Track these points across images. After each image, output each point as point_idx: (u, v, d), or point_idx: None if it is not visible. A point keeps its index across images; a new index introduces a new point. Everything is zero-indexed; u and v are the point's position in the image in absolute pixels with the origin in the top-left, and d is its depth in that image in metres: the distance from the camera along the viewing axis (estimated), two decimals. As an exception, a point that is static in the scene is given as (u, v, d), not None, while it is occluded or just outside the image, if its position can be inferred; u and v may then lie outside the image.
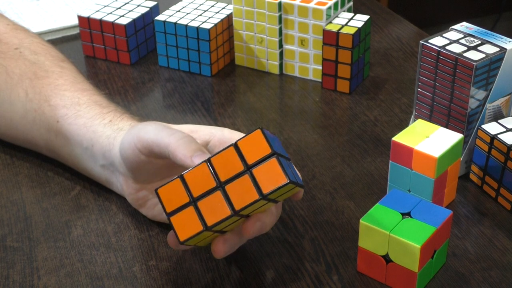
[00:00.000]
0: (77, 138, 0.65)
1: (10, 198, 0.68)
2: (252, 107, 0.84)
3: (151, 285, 0.58)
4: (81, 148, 0.65)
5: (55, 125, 0.67)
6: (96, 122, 0.64)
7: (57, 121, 0.67)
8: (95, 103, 0.67)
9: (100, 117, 0.65)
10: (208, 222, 0.51)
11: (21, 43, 0.74)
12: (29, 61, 0.71)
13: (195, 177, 0.52)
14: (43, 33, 0.99)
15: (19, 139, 0.72)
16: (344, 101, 0.84)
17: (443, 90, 0.68)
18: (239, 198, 0.51)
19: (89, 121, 0.65)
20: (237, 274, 0.59)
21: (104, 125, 0.64)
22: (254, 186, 0.51)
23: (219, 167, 0.52)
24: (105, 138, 0.63)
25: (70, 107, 0.67)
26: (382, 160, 0.73)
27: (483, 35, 0.69)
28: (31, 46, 0.73)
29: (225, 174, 0.52)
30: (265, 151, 0.51)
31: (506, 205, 0.66)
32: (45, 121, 0.68)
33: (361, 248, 0.58)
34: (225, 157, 0.52)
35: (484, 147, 0.67)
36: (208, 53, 0.88)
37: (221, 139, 0.60)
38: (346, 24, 0.84)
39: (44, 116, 0.68)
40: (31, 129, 0.69)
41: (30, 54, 0.72)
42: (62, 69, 0.71)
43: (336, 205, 0.67)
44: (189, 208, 0.52)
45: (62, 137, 0.67)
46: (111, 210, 0.66)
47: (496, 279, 0.58)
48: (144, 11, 0.93)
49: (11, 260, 0.61)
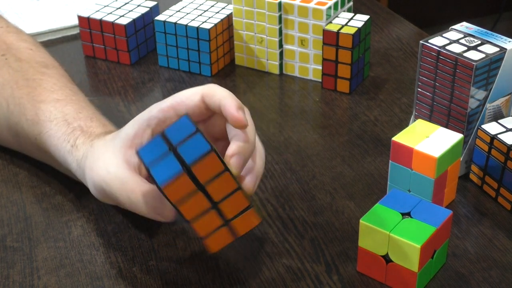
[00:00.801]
0: (55, 157, 0.65)
1: (10, 198, 0.68)
2: (252, 107, 0.84)
3: (151, 285, 0.58)
4: (62, 165, 0.66)
5: (34, 142, 0.67)
6: (63, 146, 0.64)
7: (35, 138, 0.67)
8: (63, 119, 0.65)
9: (65, 140, 0.64)
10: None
11: (9, 49, 0.73)
12: (12, 69, 0.71)
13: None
14: (43, 33, 0.99)
15: (12, 147, 0.73)
16: (344, 101, 0.84)
17: (443, 90, 0.68)
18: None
19: (58, 143, 0.64)
20: (237, 274, 0.59)
21: (68, 152, 0.63)
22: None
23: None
24: (73, 168, 0.63)
25: (43, 124, 0.66)
26: (382, 160, 0.73)
27: (483, 35, 0.69)
28: (17, 53, 0.73)
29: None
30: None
31: (506, 205, 0.66)
32: (26, 136, 0.68)
33: (361, 248, 0.58)
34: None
35: (484, 147, 0.67)
36: (208, 53, 0.88)
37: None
38: (346, 24, 0.84)
39: (24, 132, 0.68)
40: (18, 141, 0.70)
41: (14, 61, 0.72)
42: (43, 76, 0.70)
43: (336, 205, 0.67)
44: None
45: (43, 153, 0.67)
46: (111, 210, 0.66)
47: (496, 279, 0.58)
48: (144, 11, 0.93)
49: (11, 260, 0.61)
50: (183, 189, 0.52)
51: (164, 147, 0.52)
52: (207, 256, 0.60)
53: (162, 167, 0.52)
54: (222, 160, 0.52)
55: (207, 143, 0.51)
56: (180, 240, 0.62)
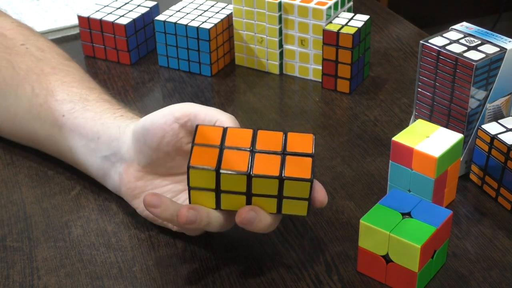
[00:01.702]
0: (83, 131, 0.65)
1: (10, 198, 0.68)
2: (252, 107, 0.84)
3: (151, 285, 0.58)
4: (84, 140, 0.65)
5: (60, 119, 0.67)
6: (106, 116, 0.65)
7: (63, 115, 0.67)
8: (104, 100, 0.68)
9: (110, 112, 0.66)
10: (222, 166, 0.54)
11: (27, 40, 0.74)
12: (35, 57, 0.72)
13: (236, 135, 0.56)
14: (43, 33, 0.99)
15: (22, 135, 0.72)
16: (344, 101, 0.84)
17: (443, 90, 0.68)
18: (260, 167, 0.54)
19: (98, 115, 0.65)
20: (237, 274, 0.59)
21: (114, 118, 0.65)
22: (280, 166, 0.54)
23: (261, 139, 0.56)
24: (115, 128, 0.64)
25: (78, 102, 0.67)
26: (382, 160, 0.73)
27: (483, 35, 0.69)
28: (37, 43, 0.74)
29: (263, 146, 0.56)
30: (308, 150, 0.56)
31: (506, 205, 0.66)
32: (50, 116, 0.68)
33: (361, 248, 0.58)
34: (271, 136, 0.57)
35: (484, 147, 0.67)
36: (208, 53, 0.88)
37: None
38: (346, 24, 0.84)
39: (49, 111, 0.68)
40: (35, 124, 0.69)
41: (36, 50, 0.73)
42: (68, 67, 0.72)
43: (336, 205, 0.67)
44: (214, 149, 0.55)
45: (66, 131, 0.67)
46: (111, 210, 0.66)
47: (496, 279, 0.58)
48: (144, 11, 0.93)
49: (11, 260, 0.61)
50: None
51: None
52: (207, 256, 0.60)
53: None
54: None
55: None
56: (180, 240, 0.62)
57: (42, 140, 0.70)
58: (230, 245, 0.62)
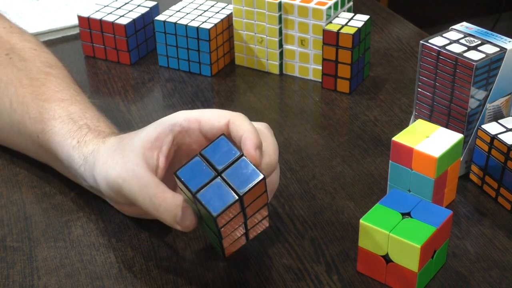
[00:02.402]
0: (57, 155, 0.65)
1: (10, 198, 0.68)
2: (252, 107, 0.84)
3: (151, 285, 0.58)
4: (62, 164, 0.66)
5: (37, 139, 0.67)
6: (67, 143, 0.64)
7: (37, 136, 0.66)
8: (68, 117, 0.66)
9: (70, 137, 0.64)
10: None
11: (13, 49, 0.73)
12: (16, 68, 0.71)
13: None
14: (43, 33, 0.99)
15: (12, 146, 0.73)
16: (344, 101, 0.84)
17: (443, 90, 0.68)
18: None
19: (62, 139, 0.64)
20: (237, 274, 0.59)
21: (73, 148, 0.63)
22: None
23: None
24: (76, 164, 0.62)
25: (47, 122, 0.66)
26: (382, 160, 0.73)
27: (483, 35, 0.69)
28: (21, 52, 0.73)
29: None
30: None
31: (506, 205, 0.66)
32: (28, 134, 0.68)
33: (361, 248, 0.58)
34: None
35: (484, 147, 0.67)
36: (208, 53, 0.88)
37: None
38: (346, 24, 0.84)
39: (26, 129, 0.68)
40: (19, 140, 0.70)
41: (18, 60, 0.72)
42: (47, 75, 0.71)
43: (336, 205, 0.67)
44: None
45: (44, 151, 0.67)
46: (111, 210, 0.66)
47: (496, 279, 0.58)
48: (144, 11, 0.93)
49: (11, 260, 0.61)
50: (231, 214, 0.52)
51: (208, 172, 0.52)
52: (207, 256, 0.60)
53: (212, 195, 0.51)
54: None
55: (258, 171, 0.52)
56: (180, 240, 0.62)
57: (30, 153, 0.71)
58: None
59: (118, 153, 0.58)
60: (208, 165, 0.52)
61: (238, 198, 0.51)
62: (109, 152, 0.59)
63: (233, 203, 0.51)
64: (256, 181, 0.51)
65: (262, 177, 0.51)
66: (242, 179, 0.51)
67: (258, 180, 0.51)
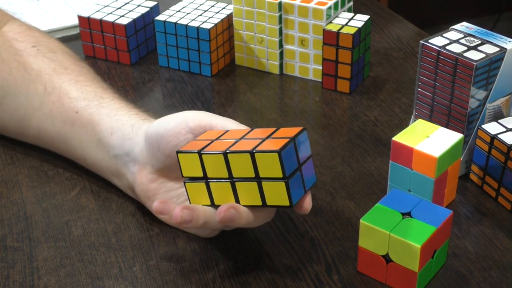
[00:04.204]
0: (96, 126, 0.66)
1: (10, 198, 0.68)
2: (252, 107, 0.84)
3: (151, 285, 0.58)
4: (96, 137, 0.65)
5: (73, 116, 0.67)
6: (122, 112, 0.66)
7: (76, 112, 0.67)
8: (119, 99, 0.68)
9: (125, 109, 0.66)
10: (204, 150, 0.55)
11: (38, 42, 0.74)
12: (47, 58, 0.72)
13: (235, 132, 0.57)
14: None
15: (30, 134, 0.72)
16: (344, 101, 0.84)
17: (443, 90, 0.68)
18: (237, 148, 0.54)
19: (113, 111, 0.66)
20: (237, 274, 0.59)
21: (129, 116, 0.65)
22: (255, 146, 0.54)
23: (255, 133, 0.57)
24: (129, 126, 0.64)
25: (93, 99, 0.68)
26: (382, 160, 0.73)
27: (483, 35, 0.69)
28: (48, 45, 0.74)
29: (251, 135, 0.56)
30: (290, 135, 0.54)
31: (506, 205, 0.66)
32: (62, 113, 0.68)
33: (361, 248, 0.58)
34: (265, 130, 0.57)
35: (484, 147, 0.67)
36: (208, 53, 0.88)
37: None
38: (346, 24, 0.84)
39: (62, 108, 0.68)
40: (45, 122, 0.69)
41: (47, 52, 0.73)
42: (80, 67, 0.73)
43: (336, 205, 0.67)
44: (206, 141, 0.57)
45: (78, 127, 0.67)
46: (111, 210, 0.66)
47: (496, 279, 0.58)
48: (144, 11, 0.93)
49: (11, 260, 0.61)
50: None
51: (295, 163, 0.55)
52: (207, 256, 0.61)
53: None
54: None
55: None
56: (180, 240, 0.62)
57: (51, 137, 0.70)
58: (230, 245, 0.62)
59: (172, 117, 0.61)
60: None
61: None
62: (171, 116, 0.61)
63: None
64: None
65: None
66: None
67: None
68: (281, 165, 0.53)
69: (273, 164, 0.53)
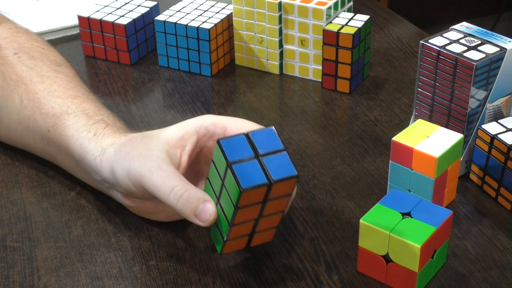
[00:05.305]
0: (67, 149, 0.65)
1: (10, 198, 0.68)
2: (252, 107, 0.84)
3: (151, 285, 0.58)
4: (73, 159, 0.65)
5: (47, 134, 0.67)
6: (82, 135, 0.63)
7: (48, 131, 0.66)
8: (82, 112, 0.66)
9: (85, 130, 0.64)
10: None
11: (21, 48, 0.73)
12: (26, 67, 0.71)
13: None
14: (43, 33, 0.99)
15: (17, 144, 0.73)
16: (344, 101, 0.84)
17: (443, 90, 0.68)
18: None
19: (76, 133, 0.64)
20: (237, 274, 0.59)
21: (89, 140, 0.63)
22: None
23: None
24: (91, 156, 0.62)
25: (60, 116, 0.66)
26: (382, 160, 0.73)
27: (483, 35, 0.69)
28: (30, 51, 0.73)
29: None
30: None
31: (506, 205, 0.66)
32: (37, 129, 0.68)
33: (361, 248, 0.58)
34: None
35: (484, 147, 0.67)
36: (208, 53, 0.88)
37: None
38: (346, 24, 0.84)
39: (36, 124, 0.68)
40: (27, 136, 0.69)
41: (28, 59, 0.72)
42: (57, 73, 0.71)
43: (336, 205, 0.67)
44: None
45: (54, 146, 0.67)
46: (111, 210, 0.66)
47: (496, 279, 0.58)
48: (144, 11, 0.93)
49: (11, 260, 0.61)
50: (253, 198, 0.52)
51: (249, 151, 0.53)
52: (207, 256, 0.60)
53: (246, 171, 0.52)
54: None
55: (293, 168, 0.52)
56: (180, 240, 0.62)
57: (37, 151, 0.71)
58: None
59: (143, 145, 0.58)
60: (250, 145, 0.53)
61: (268, 183, 0.51)
62: (133, 145, 0.59)
63: (262, 185, 0.51)
64: (290, 174, 0.52)
65: (296, 174, 0.52)
66: (278, 169, 0.52)
67: (292, 175, 0.52)
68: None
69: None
